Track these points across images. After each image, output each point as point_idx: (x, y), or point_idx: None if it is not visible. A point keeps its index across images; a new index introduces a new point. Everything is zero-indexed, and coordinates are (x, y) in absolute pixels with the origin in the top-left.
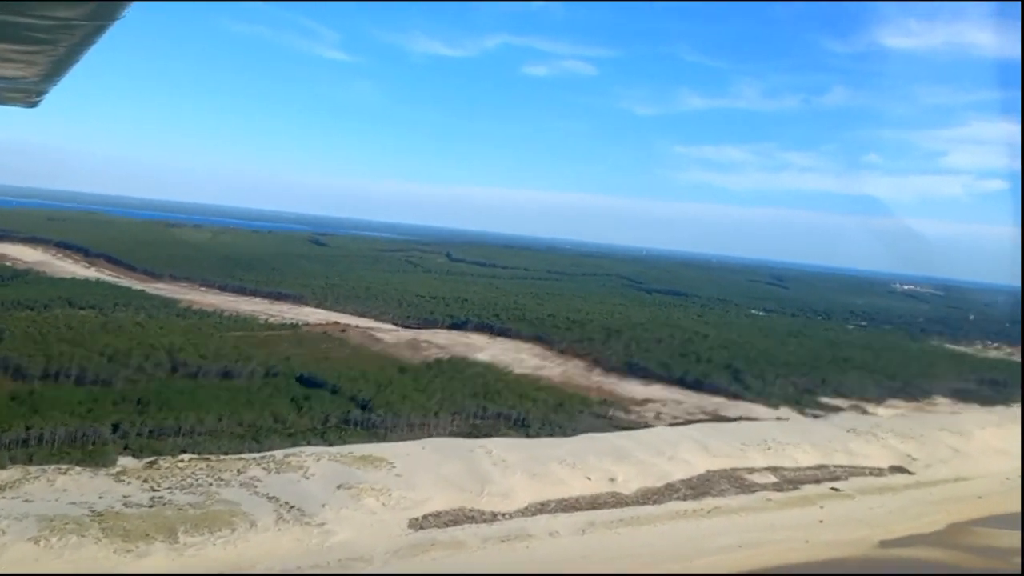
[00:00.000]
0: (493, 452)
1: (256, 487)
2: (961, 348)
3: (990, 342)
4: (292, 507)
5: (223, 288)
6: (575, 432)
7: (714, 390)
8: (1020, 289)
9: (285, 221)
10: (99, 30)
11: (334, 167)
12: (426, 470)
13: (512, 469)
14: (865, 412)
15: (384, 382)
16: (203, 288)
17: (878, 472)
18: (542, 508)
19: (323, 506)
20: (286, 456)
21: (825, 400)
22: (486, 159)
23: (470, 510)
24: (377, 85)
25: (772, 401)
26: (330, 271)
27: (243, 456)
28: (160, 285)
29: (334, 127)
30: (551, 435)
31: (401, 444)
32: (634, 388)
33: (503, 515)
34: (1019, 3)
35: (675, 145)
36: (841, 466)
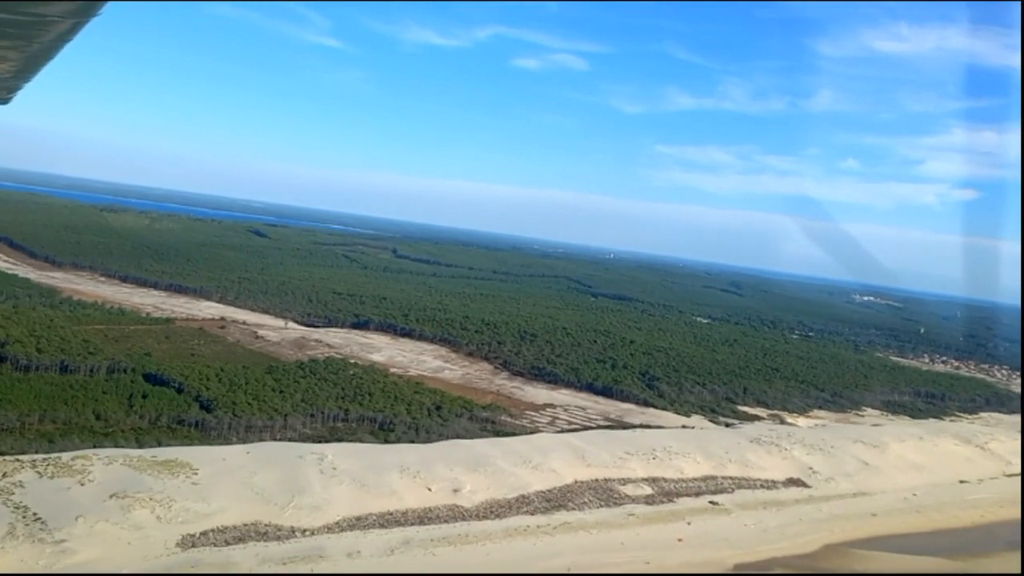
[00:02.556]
0: (327, 458)
1: (12, 494)
2: (907, 361)
3: (939, 356)
4: (37, 519)
5: (125, 279)
6: (443, 437)
7: (624, 396)
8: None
9: (254, 211)
10: (75, 27)
11: (319, 157)
12: (235, 478)
13: (340, 478)
14: (783, 422)
15: (240, 382)
16: (103, 278)
17: (770, 485)
18: (357, 523)
19: (77, 519)
20: (74, 458)
21: (744, 409)
22: (472, 152)
23: (266, 525)
24: (367, 73)
25: (683, 409)
26: (254, 264)
27: (21, 457)
28: (55, 274)
29: (321, 116)
30: (413, 440)
31: (224, 448)
32: (538, 393)
33: (304, 531)
34: (1019, 4)
35: (658, 144)
36: (731, 478)
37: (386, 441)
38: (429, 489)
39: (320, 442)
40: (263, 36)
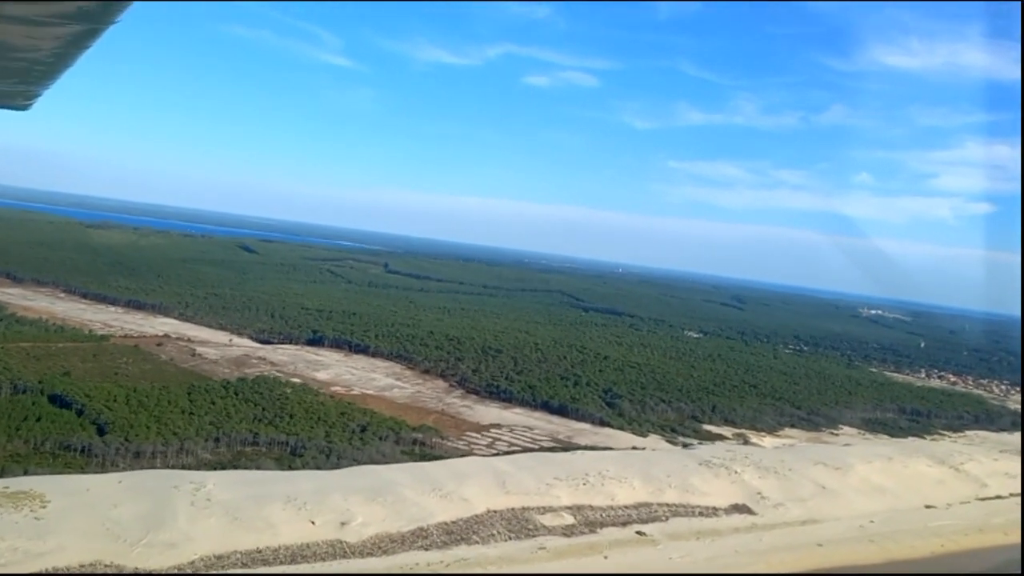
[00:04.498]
0: (205, 488)
1: None
2: (902, 376)
3: (936, 371)
4: None
5: (86, 295)
6: (356, 462)
7: (580, 416)
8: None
9: (262, 228)
10: (93, 33)
11: (333, 174)
12: (90, 511)
13: (212, 510)
14: (747, 442)
15: (150, 403)
16: (64, 294)
17: (710, 512)
18: (216, 563)
19: None
20: None
21: (709, 428)
22: (485, 169)
23: (106, 566)
24: (379, 92)
25: (642, 428)
26: (230, 280)
27: None
28: (12, 290)
29: (333, 133)
30: (320, 467)
31: (95, 476)
32: (488, 412)
33: (150, 574)
34: (1019, 3)
35: (670, 160)
36: (668, 504)
37: (290, 467)
38: (312, 522)
39: (218, 468)
40: (275, 55)
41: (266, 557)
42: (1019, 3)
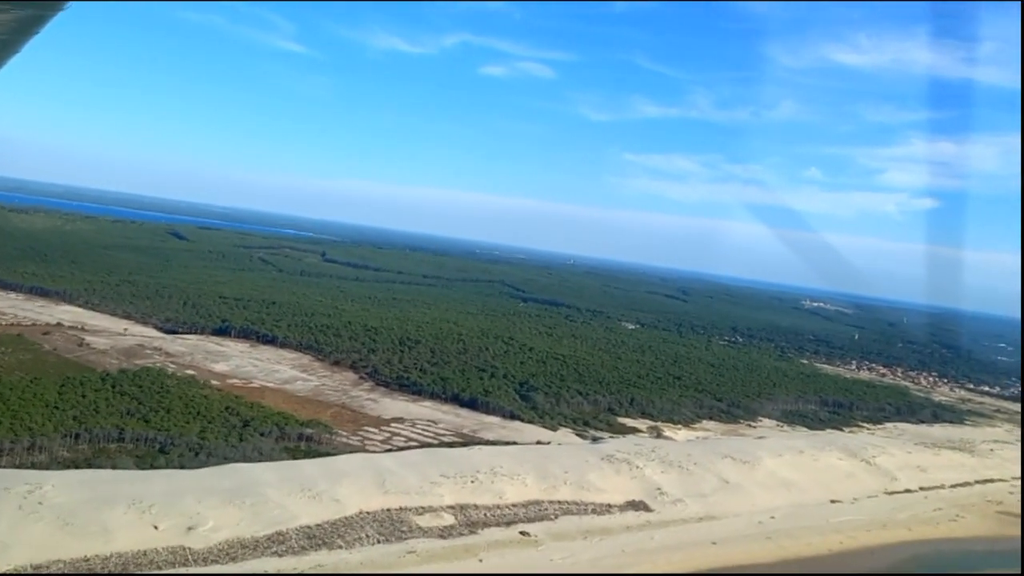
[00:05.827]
0: (40, 490)
1: None
2: (832, 368)
3: (867, 362)
4: None
5: None
6: (227, 460)
7: (491, 409)
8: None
9: (212, 216)
10: (38, 20)
11: (288, 162)
12: None
13: (41, 515)
14: (660, 435)
15: (12, 396)
16: None
17: (604, 509)
18: (34, 573)
19: None
20: None
21: (624, 421)
22: (442, 159)
23: None
24: (333, 79)
25: (553, 422)
26: (151, 267)
27: None
28: None
29: (288, 121)
30: (185, 465)
31: None
32: (394, 405)
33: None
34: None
35: (625, 152)
36: (560, 502)
37: (152, 466)
38: (156, 527)
39: (71, 467)
40: (227, 41)
41: (93, 566)
42: (977, 3)
